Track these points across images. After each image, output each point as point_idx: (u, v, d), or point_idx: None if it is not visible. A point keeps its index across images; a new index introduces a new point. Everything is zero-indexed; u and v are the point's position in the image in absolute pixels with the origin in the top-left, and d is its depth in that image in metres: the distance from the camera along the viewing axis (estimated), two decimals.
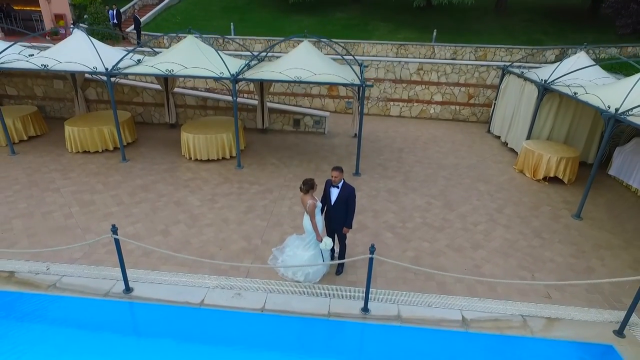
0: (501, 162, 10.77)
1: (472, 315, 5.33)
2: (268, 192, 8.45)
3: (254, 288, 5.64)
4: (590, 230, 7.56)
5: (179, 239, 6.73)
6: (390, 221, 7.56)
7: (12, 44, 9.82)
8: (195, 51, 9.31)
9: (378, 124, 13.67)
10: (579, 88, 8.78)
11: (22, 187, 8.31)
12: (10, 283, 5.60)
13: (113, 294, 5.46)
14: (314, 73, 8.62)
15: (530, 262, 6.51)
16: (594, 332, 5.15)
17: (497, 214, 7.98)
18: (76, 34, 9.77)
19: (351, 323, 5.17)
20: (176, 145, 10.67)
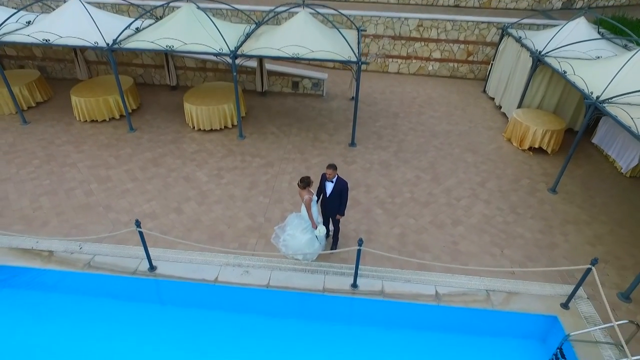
0: (492, 128, 11.25)
1: (444, 290, 6.31)
2: (269, 166, 9.11)
3: (260, 266, 6.57)
4: (562, 205, 8.35)
5: (191, 217, 7.55)
6: (381, 196, 8.33)
7: (16, 12, 9.80)
8: (194, 23, 9.37)
9: (376, 83, 13.86)
10: (571, 63, 9.00)
11: (41, 161, 8.95)
12: (52, 262, 6.52)
13: (140, 272, 6.40)
14: (311, 50, 8.81)
15: (502, 239, 7.40)
16: (544, 305, 6.16)
17: (479, 188, 8.72)
18: (72, 2, 9.72)
19: (342, 298, 6.16)
20: (179, 111, 11.08)
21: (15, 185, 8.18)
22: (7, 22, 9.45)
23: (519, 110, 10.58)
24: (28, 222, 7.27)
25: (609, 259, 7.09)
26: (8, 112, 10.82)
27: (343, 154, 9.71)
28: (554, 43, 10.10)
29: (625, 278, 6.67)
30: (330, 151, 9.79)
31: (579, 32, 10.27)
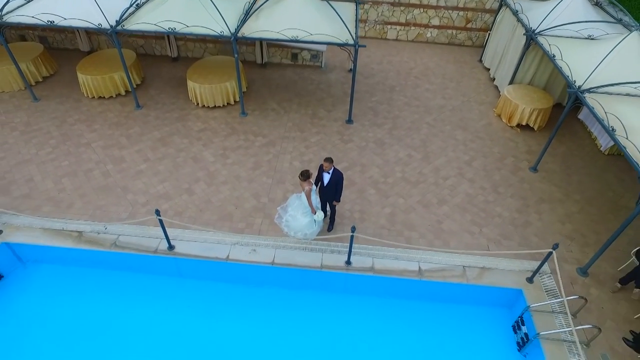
0: (484, 102, 11.70)
1: (426, 266, 7.26)
2: (271, 145, 9.73)
3: (265, 245, 7.46)
4: (540, 184, 9.10)
5: (202, 197, 8.32)
6: (374, 176, 9.05)
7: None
8: (195, 2, 9.51)
9: (374, 51, 14.01)
10: (560, 45, 9.30)
11: (57, 142, 9.55)
12: (82, 242, 7.39)
13: (160, 251, 7.29)
14: (309, 33, 9.08)
15: (482, 218, 8.24)
16: (512, 280, 7.13)
17: (466, 167, 9.42)
18: None
19: (337, 273, 7.11)
20: (182, 86, 11.44)
21: (38, 166, 8.86)
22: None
23: (510, 87, 10.98)
24: (55, 203, 8.05)
25: (575, 236, 7.98)
26: (17, 88, 11.18)
27: (340, 132, 10.28)
28: (549, 20, 10.28)
29: (586, 254, 7.58)
30: (328, 129, 10.35)
31: (575, 8, 10.40)
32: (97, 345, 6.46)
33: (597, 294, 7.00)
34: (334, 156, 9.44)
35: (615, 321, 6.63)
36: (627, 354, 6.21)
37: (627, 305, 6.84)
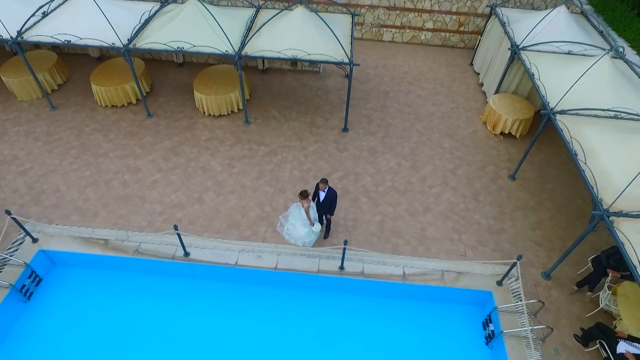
0: (472, 109, 12.49)
1: (409, 271, 8.31)
2: (273, 155, 10.62)
3: (269, 251, 8.49)
4: (517, 192, 10.06)
5: (212, 207, 9.30)
6: (367, 185, 10.00)
7: (37, 10, 10.49)
8: (200, 21, 10.19)
9: (370, 54, 14.66)
10: (540, 64, 10.04)
11: (77, 152, 10.44)
12: (108, 249, 8.42)
13: (177, 257, 8.33)
14: (308, 53, 9.81)
15: (461, 225, 9.24)
16: (484, 282, 8.20)
17: (450, 176, 10.35)
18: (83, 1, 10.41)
19: (332, 277, 8.17)
20: (189, 94, 12.19)
21: (62, 176, 9.80)
22: (25, 16, 10.31)
23: (495, 96, 11.75)
24: (82, 213, 9.04)
25: (543, 242, 9.01)
26: (35, 96, 11.95)
27: (336, 140, 11.15)
28: (534, 34, 10.96)
29: (551, 259, 8.62)
30: (326, 137, 11.21)
31: (558, 22, 11.06)
32: (122, 336, 7.59)
33: (557, 296, 8.08)
34: (330, 165, 10.37)
35: (569, 319, 7.74)
36: (576, 348, 7.35)
37: (581, 305, 7.94)
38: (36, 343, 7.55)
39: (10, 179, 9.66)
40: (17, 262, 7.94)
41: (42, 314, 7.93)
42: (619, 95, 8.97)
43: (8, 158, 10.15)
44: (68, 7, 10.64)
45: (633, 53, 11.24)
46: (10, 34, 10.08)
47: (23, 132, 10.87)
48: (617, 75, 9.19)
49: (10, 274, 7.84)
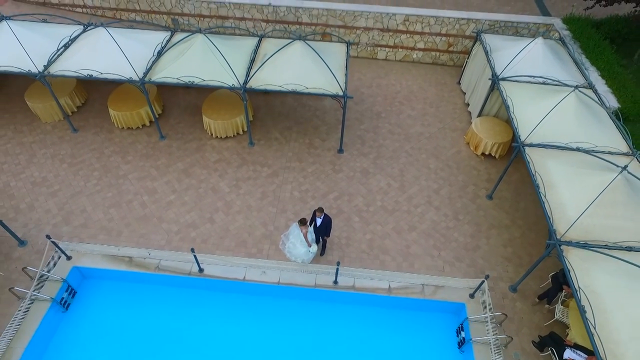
0: (457, 129, 13.61)
1: (394, 285, 9.59)
2: (275, 176, 11.80)
3: (273, 267, 9.76)
4: (493, 210, 11.27)
5: (222, 226, 10.53)
6: (359, 205, 11.21)
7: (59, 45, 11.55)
8: (208, 55, 11.26)
9: (365, 72, 15.69)
10: (515, 96, 11.13)
11: (99, 173, 11.62)
12: (132, 265, 9.69)
13: (193, 273, 9.60)
14: (306, 87, 10.91)
15: (442, 242, 10.48)
16: (458, 295, 9.48)
17: (434, 195, 11.55)
18: (100, 32, 11.45)
19: (327, 291, 9.45)
20: (196, 114, 13.25)
21: (88, 197, 11.01)
22: (47, 49, 11.42)
23: (477, 120, 12.86)
24: (107, 232, 10.28)
25: (513, 258, 10.26)
26: (57, 118, 13.06)
27: (332, 162, 12.32)
28: (512, 64, 12.00)
29: (518, 274, 9.88)
30: (323, 158, 12.37)
31: (536, 53, 12.09)
32: (145, 339, 8.92)
33: (521, 307, 9.38)
34: (326, 186, 11.58)
35: (529, 328, 9.05)
36: (533, 353, 8.66)
37: (540, 315, 9.24)
38: (74, 346, 8.89)
39: (42, 200, 10.87)
40: (56, 278, 9.23)
41: (78, 322, 9.25)
42: (582, 128, 10.10)
43: (39, 180, 11.35)
44: (87, 42, 11.68)
45: (602, 83, 12.28)
46: (37, 68, 11.17)
47: (49, 155, 12.04)
48: (583, 109, 10.30)
49: (50, 289, 9.14)
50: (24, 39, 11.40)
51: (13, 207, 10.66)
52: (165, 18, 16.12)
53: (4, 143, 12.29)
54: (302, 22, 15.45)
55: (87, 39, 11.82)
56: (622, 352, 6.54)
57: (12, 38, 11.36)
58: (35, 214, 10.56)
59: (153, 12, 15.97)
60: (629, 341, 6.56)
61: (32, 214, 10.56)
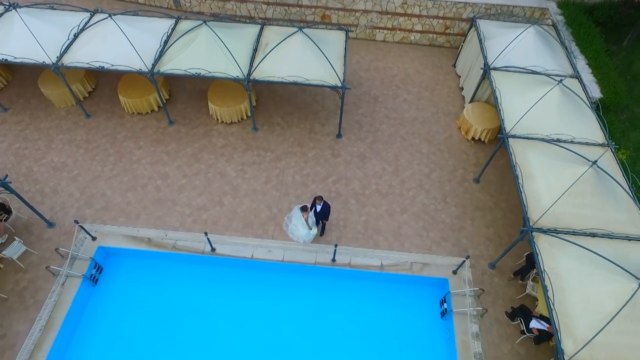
0: (450, 113, 14.32)
1: (386, 262, 10.73)
2: (278, 160, 12.68)
3: (277, 247, 10.86)
4: (479, 194, 12.25)
5: (230, 209, 11.54)
6: (355, 188, 12.17)
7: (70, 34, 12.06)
8: (213, 46, 11.82)
9: (364, 55, 16.15)
10: (503, 87, 11.80)
11: (114, 159, 12.50)
12: (151, 245, 10.79)
13: (206, 252, 10.72)
14: (307, 79, 11.56)
15: (430, 224, 11.53)
16: (443, 271, 10.65)
17: (425, 179, 12.49)
18: (108, 23, 11.94)
19: (326, 268, 10.62)
20: (202, 99, 13.94)
21: (106, 182, 11.95)
22: (58, 38, 11.97)
23: (469, 106, 13.55)
24: (126, 214, 11.31)
25: (494, 238, 11.36)
26: (70, 104, 13.75)
27: (331, 146, 13.15)
28: (504, 54, 12.55)
29: (498, 253, 11.00)
30: (322, 143, 13.19)
31: (527, 43, 12.61)
32: (164, 309, 10.16)
33: (497, 282, 10.57)
34: (326, 170, 12.49)
35: (504, 300, 10.28)
36: (505, 322, 9.93)
37: (514, 290, 10.45)
38: (103, 315, 10.15)
39: (64, 184, 11.83)
40: (84, 257, 10.36)
41: (106, 294, 10.46)
42: (564, 120, 10.87)
43: (59, 165, 12.25)
44: (97, 32, 12.15)
45: (589, 72, 12.85)
46: (51, 59, 11.75)
47: (66, 140, 12.86)
48: (565, 102, 11.03)
49: (81, 266, 10.29)
50: (35, 29, 11.90)
51: (39, 191, 11.63)
52: (166, 0, 16.36)
53: (22, 129, 13.08)
54: (302, 4, 15.73)
55: (96, 30, 12.28)
56: (574, 325, 7.73)
57: (24, 29, 11.86)
58: (59, 197, 11.55)
59: None
60: (580, 316, 7.74)
61: (56, 197, 11.55)
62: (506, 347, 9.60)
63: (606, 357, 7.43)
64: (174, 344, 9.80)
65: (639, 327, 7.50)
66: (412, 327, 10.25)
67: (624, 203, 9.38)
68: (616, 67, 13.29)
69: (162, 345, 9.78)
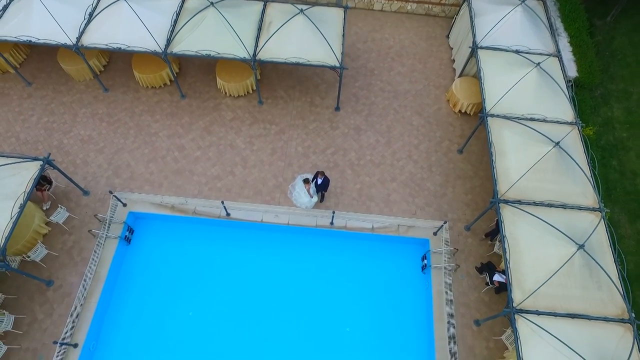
0: (440, 86, 15.43)
1: (377, 225, 12.51)
2: (282, 133, 14.04)
3: (283, 212, 12.59)
4: (461, 163, 13.76)
5: (241, 178, 13.12)
6: (352, 159, 13.66)
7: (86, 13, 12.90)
8: (220, 28, 12.76)
9: (362, 25, 16.86)
10: (488, 65, 12.86)
11: (134, 132, 13.85)
12: (175, 211, 12.50)
13: (222, 216, 12.46)
14: (307, 60, 12.62)
15: (416, 191, 13.18)
16: (425, 233, 12.46)
17: (414, 150, 13.94)
18: (122, 5, 12.76)
19: (325, 230, 12.43)
20: (210, 73, 14.96)
21: (129, 153, 13.42)
22: (75, 18, 12.86)
23: (457, 80, 14.64)
24: (150, 183, 12.91)
25: (471, 204, 13.06)
26: (88, 77, 14.83)
27: (330, 119, 14.44)
28: (492, 32, 13.45)
29: (474, 216, 12.75)
30: (322, 116, 14.47)
31: (514, 22, 13.46)
32: (187, 263, 12.11)
33: (471, 242, 12.43)
34: (325, 142, 13.91)
35: (475, 257, 12.19)
36: (474, 275, 11.91)
37: (485, 249, 12.33)
38: (137, 269, 12.12)
39: (93, 156, 13.31)
40: (118, 221, 12.12)
41: (138, 252, 12.37)
42: (539, 100, 12.12)
43: (85, 138, 13.65)
44: (111, 13, 12.95)
45: (569, 50, 13.80)
46: (70, 40, 12.71)
47: (89, 114, 14.13)
48: (542, 83, 12.21)
49: (116, 229, 12.08)
50: (53, 10, 12.75)
51: (71, 162, 13.15)
52: None
53: (48, 103, 14.30)
54: None
55: (110, 10, 13.05)
56: (524, 279, 9.63)
57: (42, 9, 12.70)
58: (90, 168, 13.09)
59: None
60: (529, 272, 9.62)
61: (87, 168, 13.08)
62: (473, 295, 11.66)
63: (546, 304, 9.40)
64: (194, 292, 11.82)
65: (573, 281, 9.40)
66: (397, 279, 12.27)
67: (580, 178, 10.95)
68: (596, 44, 14.22)
69: (185, 292, 11.80)
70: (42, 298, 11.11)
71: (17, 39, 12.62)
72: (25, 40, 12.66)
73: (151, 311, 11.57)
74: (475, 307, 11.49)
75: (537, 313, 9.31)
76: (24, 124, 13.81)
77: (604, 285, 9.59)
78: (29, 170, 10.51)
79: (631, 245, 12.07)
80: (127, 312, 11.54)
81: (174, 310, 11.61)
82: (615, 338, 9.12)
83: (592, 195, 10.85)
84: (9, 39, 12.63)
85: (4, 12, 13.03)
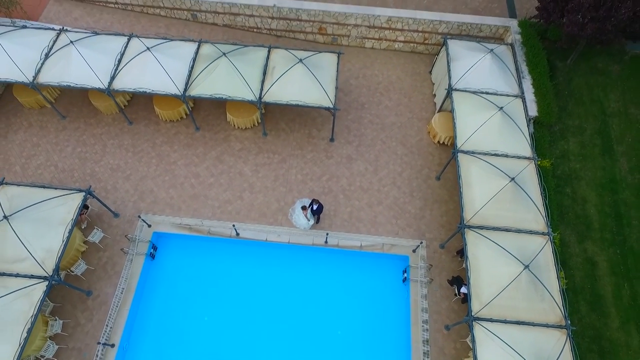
0: (422, 119, 17.58)
1: (364, 243, 14.66)
2: (283, 162, 16.21)
3: (285, 232, 14.75)
4: (439, 189, 15.92)
5: (248, 202, 15.29)
6: (343, 185, 15.83)
7: (115, 61, 15.09)
8: (231, 73, 14.93)
9: (354, 62, 19.01)
10: (461, 107, 15.02)
11: (156, 161, 16.02)
12: (192, 231, 14.68)
13: (232, 236, 14.62)
14: (306, 102, 14.80)
15: (399, 213, 15.33)
16: (405, 250, 14.62)
17: (398, 177, 16.10)
18: (146, 55, 14.94)
19: (320, 248, 14.60)
20: (220, 107, 17.10)
21: (152, 180, 15.59)
22: (106, 64, 15.04)
23: (436, 115, 16.79)
24: (171, 207, 15.09)
25: (446, 225, 15.21)
26: (114, 111, 17.01)
27: (325, 149, 16.60)
28: (466, 76, 15.60)
29: (447, 235, 14.89)
30: (318, 147, 16.63)
31: (484, 67, 15.62)
32: (202, 277, 14.30)
33: (444, 259, 14.58)
34: (321, 170, 16.08)
35: (447, 272, 14.35)
36: (446, 286, 14.06)
37: (456, 264, 14.48)
38: (161, 282, 14.30)
39: (121, 183, 15.50)
40: (144, 239, 14.31)
41: (161, 267, 14.56)
42: (502, 138, 14.28)
43: (114, 166, 15.83)
44: (138, 61, 15.14)
45: (531, 92, 15.91)
46: (103, 84, 14.89)
47: (117, 145, 16.32)
48: (505, 124, 14.36)
49: (142, 247, 14.27)
50: (88, 58, 14.95)
51: (103, 188, 15.34)
52: (185, 13, 18.90)
53: (80, 134, 16.49)
54: (301, 19, 18.33)
55: (137, 60, 15.23)
56: (481, 292, 11.79)
57: (79, 59, 14.91)
58: (118, 193, 15.27)
59: (175, 8, 18.71)
60: (486, 287, 11.79)
61: (116, 193, 15.27)
62: (445, 304, 13.83)
63: (498, 313, 11.56)
64: (209, 300, 14.02)
65: (520, 295, 11.58)
66: (381, 290, 14.44)
67: (532, 207, 13.10)
68: (556, 85, 16.36)
69: (201, 300, 14.00)
70: (83, 306, 13.29)
71: (59, 84, 14.81)
72: (65, 85, 14.85)
73: (173, 316, 13.76)
74: (446, 314, 13.66)
75: (491, 320, 11.48)
76: (61, 154, 16.00)
77: (546, 298, 11.76)
78: (74, 200, 12.70)
79: (578, 262, 14.23)
80: (153, 317, 13.73)
81: (192, 315, 13.80)
82: (553, 341, 11.29)
83: (542, 222, 13.01)
84: (52, 84, 14.84)
85: (46, 59, 15.21)
